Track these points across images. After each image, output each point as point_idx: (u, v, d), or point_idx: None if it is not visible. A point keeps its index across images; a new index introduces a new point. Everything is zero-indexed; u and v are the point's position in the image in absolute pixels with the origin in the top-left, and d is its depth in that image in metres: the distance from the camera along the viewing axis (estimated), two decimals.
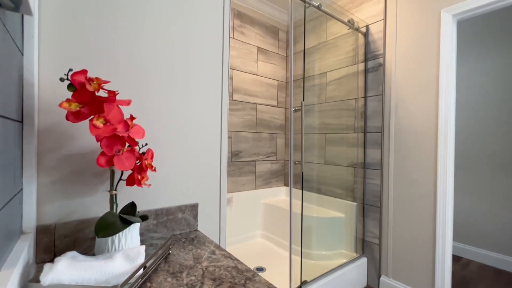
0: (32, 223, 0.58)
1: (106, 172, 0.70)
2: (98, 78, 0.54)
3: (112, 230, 0.55)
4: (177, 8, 0.83)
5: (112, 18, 0.71)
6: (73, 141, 0.66)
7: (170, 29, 0.82)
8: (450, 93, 1.58)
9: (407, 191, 1.77)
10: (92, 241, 0.66)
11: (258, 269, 1.91)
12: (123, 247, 0.59)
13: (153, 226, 0.77)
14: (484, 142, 2.35)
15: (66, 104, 0.51)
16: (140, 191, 0.77)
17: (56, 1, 0.63)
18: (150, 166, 0.65)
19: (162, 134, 0.80)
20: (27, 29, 0.57)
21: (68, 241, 0.64)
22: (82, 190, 0.67)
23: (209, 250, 0.70)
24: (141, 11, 0.76)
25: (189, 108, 0.86)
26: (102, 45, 0.70)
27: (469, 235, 2.43)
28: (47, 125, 0.62)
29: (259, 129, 2.58)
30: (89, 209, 0.68)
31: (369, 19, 1.99)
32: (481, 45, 2.39)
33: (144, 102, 0.77)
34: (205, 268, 0.59)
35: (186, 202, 0.86)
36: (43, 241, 0.61)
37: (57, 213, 0.64)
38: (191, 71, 0.87)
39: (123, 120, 0.57)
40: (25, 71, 0.57)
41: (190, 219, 0.85)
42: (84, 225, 0.66)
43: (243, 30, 2.44)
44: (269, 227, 2.45)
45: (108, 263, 0.52)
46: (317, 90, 2.42)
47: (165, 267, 0.59)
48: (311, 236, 2.00)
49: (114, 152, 0.56)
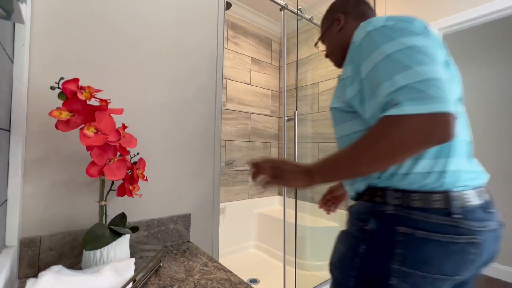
0: (15, 235, 0.56)
1: (95, 182, 0.69)
2: (90, 86, 0.53)
3: (101, 242, 0.53)
4: (173, 20, 0.84)
5: (105, 27, 0.71)
6: (62, 150, 0.64)
7: (166, 39, 0.82)
8: None
9: None
10: (79, 254, 0.64)
11: (251, 281, 1.87)
12: (111, 260, 0.57)
13: (143, 237, 0.75)
14: (480, 150, 2.40)
15: (57, 113, 0.50)
16: (131, 201, 0.75)
17: (49, 10, 0.63)
18: (142, 175, 0.64)
19: (154, 143, 0.80)
20: (18, 37, 0.57)
21: (54, 254, 0.61)
22: (70, 201, 0.65)
23: (201, 262, 0.68)
24: (137, 21, 0.77)
25: (182, 117, 0.86)
26: (94, 54, 0.70)
27: None
28: (35, 134, 0.61)
29: (252, 138, 2.58)
30: (77, 220, 0.66)
31: None
32: (484, 54, 2.42)
33: (137, 111, 0.76)
34: (197, 281, 0.58)
35: (178, 212, 0.84)
36: (27, 255, 0.58)
37: (42, 225, 0.61)
38: (185, 81, 0.87)
39: (115, 129, 0.56)
40: (15, 79, 0.56)
41: (182, 230, 0.84)
42: (71, 238, 0.64)
43: (237, 40, 2.48)
44: (262, 237, 2.42)
45: (96, 277, 0.50)
46: (310, 100, 2.45)
47: (155, 281, 0.57)
48: (305, 246, 1.98)
49: (105, 162, 0.55)
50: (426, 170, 0.53)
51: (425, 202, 0.52)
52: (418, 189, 0.53)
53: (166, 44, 0.83)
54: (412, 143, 0.46)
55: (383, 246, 0.55)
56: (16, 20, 0.45)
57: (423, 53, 0.49)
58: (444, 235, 0.51)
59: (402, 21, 0.54)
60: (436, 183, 0.52)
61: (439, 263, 0.52)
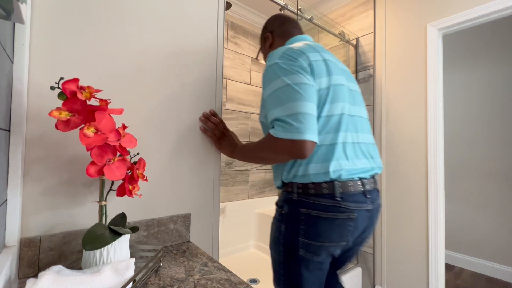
0: (15, 235, 0.56)
1: (95, 182, 0.69)
2: (90, 86, 0.53)
3: (101, 242, 0.53)
4: (173, 19, 0.84)
5: (105, 27, 0.71)
6: (62, 150, 0.64)
7: (165, 38, 0.82)
8: (438, 104, 1.63)
9: (399, 200, 1.79)
10: (79, 254, 0.64)
11: (251, 281, 1.87)
12: (111, 260, 0.57)
13: (143, 237, 0.75)
14: (474, 151, 2.41)
15: (56, 113, 0.50)
16: (131, 201, 0.75)
17: (49, 10, 0.63)
18: (142, 175, 0.64)
19: (154, 143, 0.80)
20: (18, 37, 0.57)
21: (54, 254, 0.61)
22: (70, 201, 0.65)
23: (201, 262, 0.68)
24: (136, 20, 0.77)
25: (182, 117, 0.86)
26: (94, 53, 0.70)
27: (461, 244, 2.45)
28: (35, 134, 0.61)
29: (252, 138, 2.58)
30: (77, 220, 0.66)
31: (359, 32, 2.06)
32: (471, 57, 2.49)
33: (136, 110, 0.76)
34: (197, 281, 0.58)
35: (178, 212, 0.84)
36: (27, 255, 0.58)
37: (42, 225, 0.61)
38: (185, 81, 0.87)
39: (115, 129, 0.56)
40: (15, 79, 0.56)
41: (182, 230, 0.84)
42: (71, 238, 0.64)
43: (237, 40, 2.48)
44: (262, 237, 2.41)
45: (96, 277, 0.50)
46: None
47: (155, 281, 0.57)
48: None
49: (105, 162, 0.55)
50: (315, 172, 0.72)
51: (317, 190, 0.72)
52: (312, 181, 0.73)
53: (166, 44, 0.83)
54: (280, 154, 0.69)
55: (293, 224, 0.75)
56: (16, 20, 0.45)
57: (297, 90, 0.68)
58: (330, 213, 0.71)
59: (289, 59, 0.72)
60: (326, 175, 0.71)
61: (328, 234, 0.71)
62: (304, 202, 0.73)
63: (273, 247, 0.81)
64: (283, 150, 0.67)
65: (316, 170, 0.72)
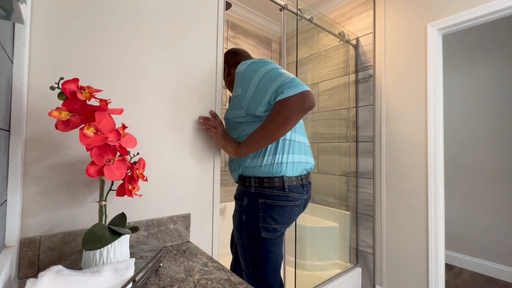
0: (15, 235, 0.56)
1: (95, 182, 0.69)
2: (90, 86, 0.53)
3: (100, 242, 0.53)
4: (172, 19, 0.84)
5: (106, 27, 0.71)
6: (62, 150, 0.64)
7: (165, 38, 0.82)
8: (438, 104, 1.63)
9: (399, 200, 1.79)
10: (79, 254, 0.64)
11: None
12: (111, 260, 0.57)
13: (143, 237, 0.75)
14: (474, 151, 2.41)
15: (56, 113, 0.50)
16: (131, 201, 0.75)
17: (49, 10, 0.63)
18: (142, 176, 0.64)
19: (154, 143, 0.80)
20: (18, 37, 0.57)
21: (54, 254, 0.61)
22: (70, 201, 0.65)
23: (201, 262, 0.68)
24: (137, 20, 0.77)
25: (182, 117, 0.86)
26: (94, 54, 0.70)
27: (461, 244, 2.45)
28: (35, 134, 0.61)
29: None
30: (76, 220, 0.66)
31: (359, 32, 2.06)
32: (471, 57, 2.49)
33: (136, 111, 0.76)
34: (197, 281, 0.58)
35: (178, 212, 0.84)
36: (27, 255, 0.58)
37: (42, 225, 0.61)
38: (185, 81, 0.87)
39: (115, 129, 0.56)
40: (15, 79, 0.56)
41: (182, 230, 0.84)
42: (71, 238, 0.64)
43: (237, 41, 2.48)
44: None
45: (95, 277, 0.50)
46: None
47: (155, 281, 0.57)
48: (305, 246, 1.98)
49: (105, 162, 0.55)
50: (270, 163, 0.89)
51: (271, 183, 0.89)
52: (266, 176, 0.90)
53: (166, 44, 0.83)
54: (295, 111, 0.78)
55: (253, 213, 0.91)
56: (16, 20, 0.45)
57: (279, 71, 0.84)
58: (281, 201, 0.89)
59: (261, 61, 0.88)
60: (276, 171, 0.89)
61: (281, 218, 0.90)
62: (261, 194, 0.90)
63: (238, 236, 0.95)
64: (297, 104, 0.77)
65: (271, 161, 0.90)
